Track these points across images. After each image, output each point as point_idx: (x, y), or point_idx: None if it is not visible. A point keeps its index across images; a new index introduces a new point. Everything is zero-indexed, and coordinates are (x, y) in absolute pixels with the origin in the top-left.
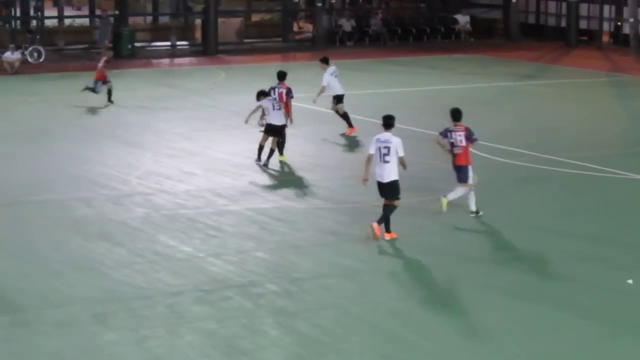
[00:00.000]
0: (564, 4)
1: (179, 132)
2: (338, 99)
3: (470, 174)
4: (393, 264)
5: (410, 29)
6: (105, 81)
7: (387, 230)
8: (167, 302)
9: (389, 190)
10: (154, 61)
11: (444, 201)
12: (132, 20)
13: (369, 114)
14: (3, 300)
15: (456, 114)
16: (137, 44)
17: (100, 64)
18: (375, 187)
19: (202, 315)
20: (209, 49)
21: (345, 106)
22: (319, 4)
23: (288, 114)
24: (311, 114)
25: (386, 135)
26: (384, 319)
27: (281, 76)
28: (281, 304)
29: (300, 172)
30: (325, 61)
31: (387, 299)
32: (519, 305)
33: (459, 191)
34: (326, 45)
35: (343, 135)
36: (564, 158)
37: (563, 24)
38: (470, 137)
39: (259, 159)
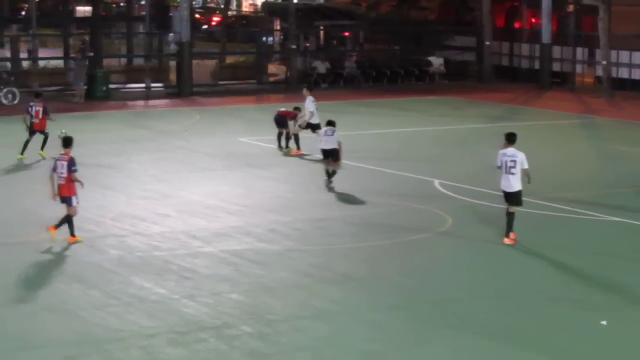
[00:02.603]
0: (537, 47)
1: (152, 173)
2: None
3: None
4: (366, 305)
5: (385, 71)
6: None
7: (507, 235)
8: (142, 344)
9: (515, 198)
10: (129, 103)
11: None
12: (106, 62)
13: (343, 156)
14: None
15: None
16: (111, 86)
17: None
18: None
19: (177, 357)
20: (183, 90)
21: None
22: (294, 46)
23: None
24: (281, 156)
25: (511, 150)
26: None
27: (37, 94)
28: (255, 345)
29: (273, 214)
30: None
31: (360, 341)
32: (493, 346)
33: None
34: (300, 87)
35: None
36: (536, 199)
37: (536, 66)
38: None
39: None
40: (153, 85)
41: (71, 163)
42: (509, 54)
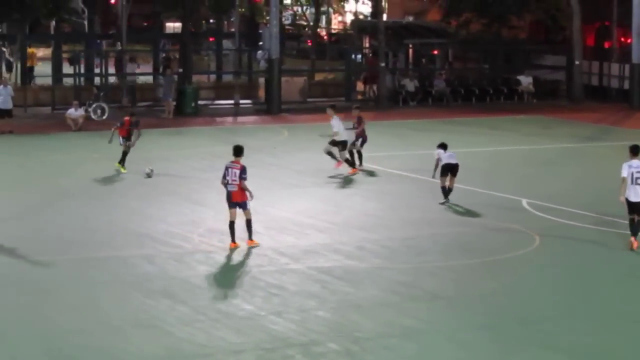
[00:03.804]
0: (627, 67)
1: None
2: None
3: None
4: (454, 324)
5: (473, 90)
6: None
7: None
8: None
9: None
10: (218, 119)
11: None
12: (195, 78)
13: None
14: (64, 357)
15: None
16: (200, 102)
17: None
18: None
19: None
20: (272, 107)
21: (409, 166)
22: (382, 64)
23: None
24: (370, 174)
25: (636, 161)
26: None
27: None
28: None
29: (361, 232)
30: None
31: None
32: None
33: None
34: (389, 105)
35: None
36: (625, 220)
37: (626, 86)
38: None
39: (445, 198)
40: (242, 101)
41: (242, 171)
42: (598, 73)
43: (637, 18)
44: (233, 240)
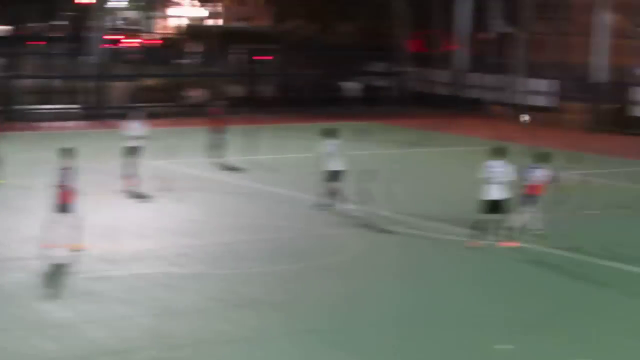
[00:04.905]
0: (454, 73)
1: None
2: None
3: None
4: (278, 329)
5: (302, 95)
6: None
7: None
8: None
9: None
10: (41, 124)
11: None
12: (20, 82)
13: (256, 179)
14: None
15: None
16: (24, 107)
17: None
18: None
19: None
20: (98, 112)
21: (237, 173)
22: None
23: None
24: (198, 180)
25: None
26: None
27: None
28: None
29: (185, 238)
30: None
31: None
32: None
33: None
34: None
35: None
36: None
37: (453, 92)
38: None
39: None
40: (67, 106)
41: (73, 172)
42: (425, 80)
43: (460, 26)
44: (52, 242)
